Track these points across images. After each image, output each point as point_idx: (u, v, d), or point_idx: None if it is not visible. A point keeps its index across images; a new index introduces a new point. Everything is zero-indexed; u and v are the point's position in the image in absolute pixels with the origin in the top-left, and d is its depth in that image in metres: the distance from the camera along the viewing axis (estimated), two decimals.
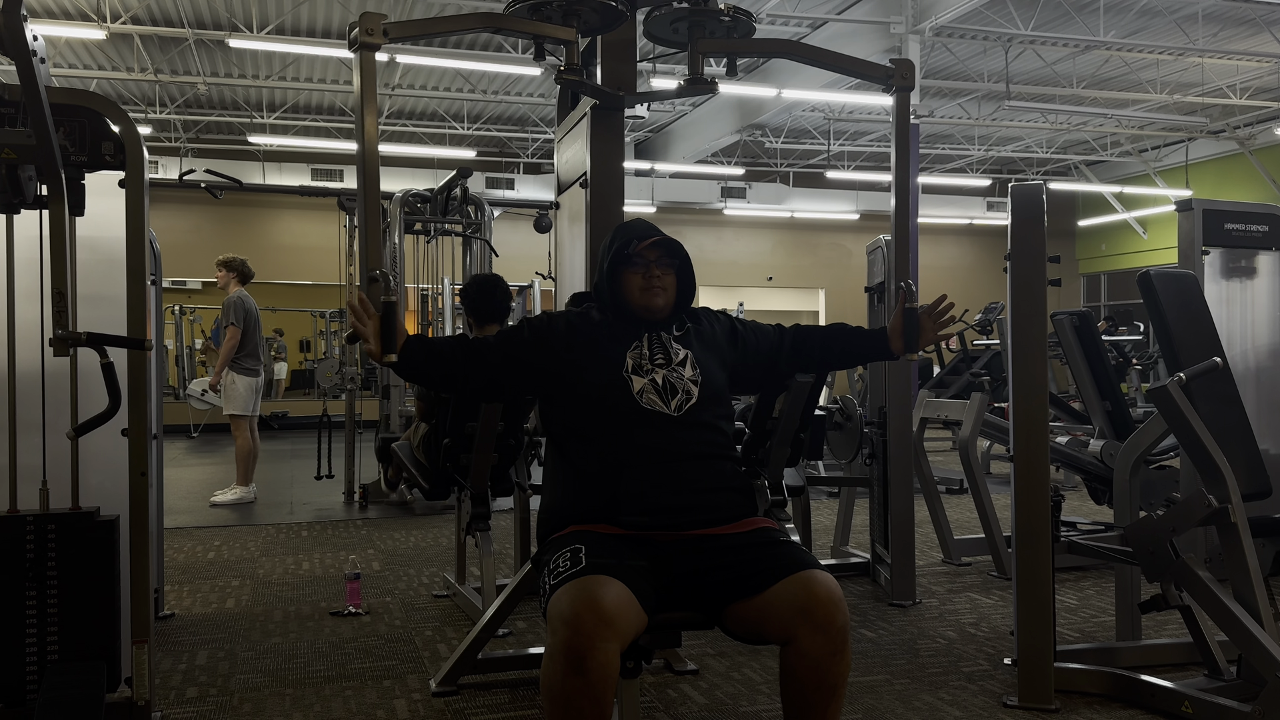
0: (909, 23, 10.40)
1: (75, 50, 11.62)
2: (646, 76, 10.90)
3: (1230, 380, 2.97)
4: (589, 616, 1.72)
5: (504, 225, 11.28)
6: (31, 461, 2.55)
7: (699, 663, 3.18)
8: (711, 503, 2.06)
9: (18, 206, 2.49)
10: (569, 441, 2.15)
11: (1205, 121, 14.24)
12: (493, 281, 4.04)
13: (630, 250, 2.21)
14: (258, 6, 10.40)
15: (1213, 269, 3.97)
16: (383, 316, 2.05)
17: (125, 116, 2.55)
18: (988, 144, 16.63)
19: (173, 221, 14.19)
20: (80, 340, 2.39)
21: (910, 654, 3.30)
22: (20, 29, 2.13)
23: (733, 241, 18.03)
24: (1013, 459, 2.82)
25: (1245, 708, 2.48)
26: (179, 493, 7.07)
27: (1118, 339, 12.39)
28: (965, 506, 6.05)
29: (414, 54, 11.03)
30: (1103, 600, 3.98)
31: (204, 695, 2.92)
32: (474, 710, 2.79)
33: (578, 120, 3.01)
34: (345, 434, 6.78)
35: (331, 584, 4.31)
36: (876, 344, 2.40)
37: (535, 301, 11.53)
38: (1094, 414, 4.29)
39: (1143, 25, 11.29)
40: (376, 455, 5.76)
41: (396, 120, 14.95)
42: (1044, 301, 2.84)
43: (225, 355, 6.54)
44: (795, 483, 3.87)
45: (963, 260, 19.11)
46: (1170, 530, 2.72)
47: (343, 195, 6.93)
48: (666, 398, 2.11)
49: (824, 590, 1.84)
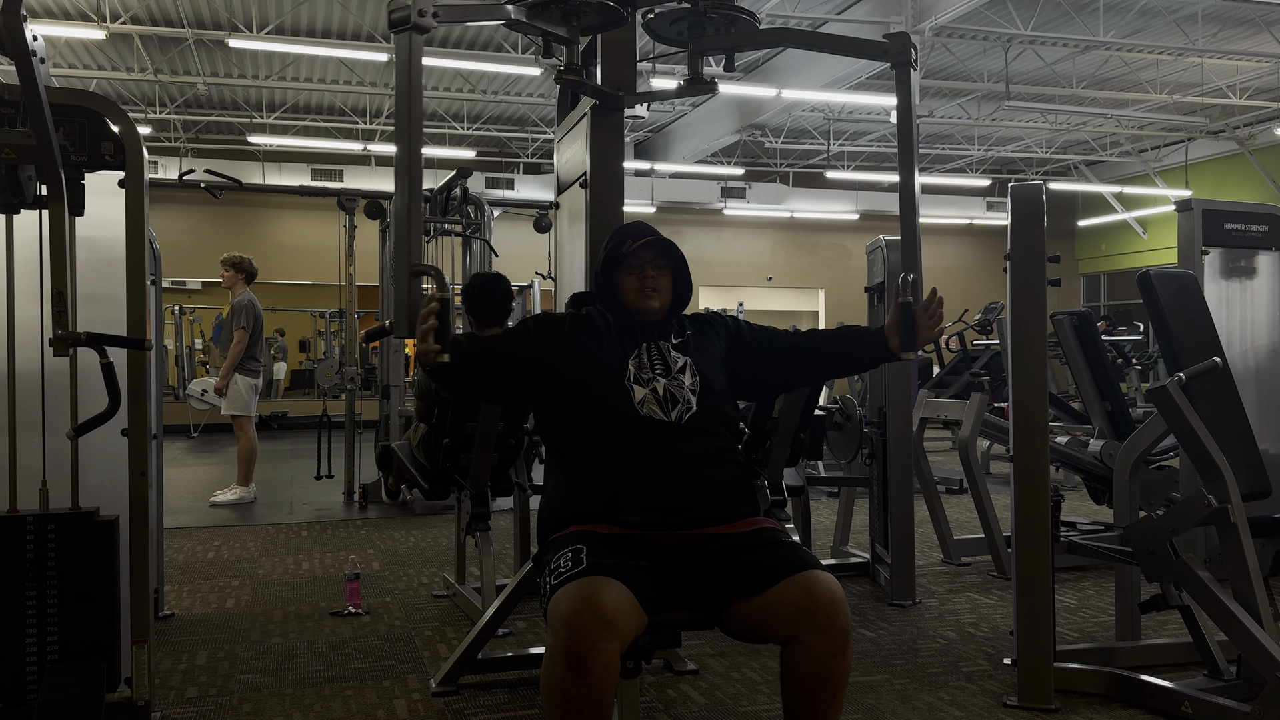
0: (909, 23, 10.40)
1: (75, 50, 11.61)
2: (646, 76, 10.90)
3: (1230, 380, 2.97)
4: (589, 617, 1.72)
5: (504, 225, 11.27)
6: (31, 461, 2.55)
7: (699, 663, 3.18)
8: (712, 501, 2.06)
9: (18, 206, 2.49)
10: (568, 444, 2.15)
11: (1205, 121, 14.24)
12: (494, 281, 4.01)
13: (624, 250, 2.21)
14: (258, 6, 10.40)
15: (1212, 269, 3.97)
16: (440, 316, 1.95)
17: (125, 116, 2.55)
18: (988, 144, 16.62)
19: (172, 221, 14.19)
20: (80, 340, 2.39)
21: (910, 654, 3.30)
22: (20, 29, 2.13)
23: (732, 241, 18.03)
24: (1013, 459, 2.82)
25: (1245, 708, 2.48)
26: (179, 493, 7.07)
27: (1117, 339, 12.39)
28: (965, 506, 6.05)
29: None
30: (1103, 600, 3.98)
31: (204, 695, 2.92)
32: (474, 710, 2.79)
33: (578, 120, 3.01)
34: (345, 434, 6.78)
35: (331, 584, 4.31)
36: (877, 344, 2.30)
37: (535, 301, 11.54)
38: (1094, 414, 4.29)
39: (1142, 25, 11.29)
40: (377, 463, 5.74)
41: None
42: (1044, 301, 2.84)
43: (233, 359, 6.54)
44: (795, 483, 3.87)
45: (963, 260, 19.11)
46: (1170, 530, 2.72)
47: (342, 195, 6.93)
48: (667, 408, 2.11)
49: (825, 591, 1.84)
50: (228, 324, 6.74)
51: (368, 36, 11.17)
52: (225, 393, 6.60)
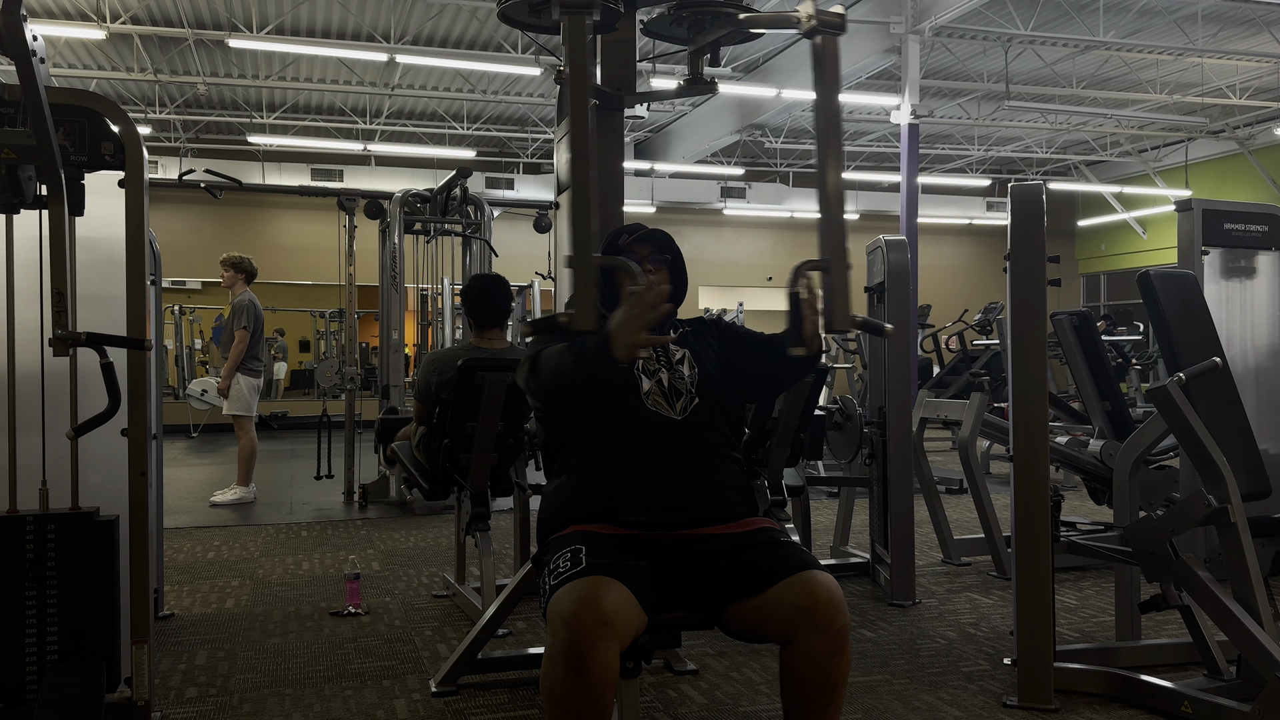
0: (909, 23, 10.41)
1: (75, 50, 11.62)
2: (646, 76, 10.90)
3: (1230, 380, 2.97)
4: (589, 617, 1.72)
5: (504, 225, 11.27)
6: (31, 461, 2.55)
7: (699, 663, 3.18)
8: (711, 501, 2.06)
9: (17, 206, 2.49)
10: (571, 441, 2.15)
11: (1205, 121, 14.25)
12: (493, 281, 4.02)
13: (620, 244, 2.21)
14: (257, 6, 10.40)
15: (1212, 269, 3.97)
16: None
17: (125, 116, 2.55)
18: (987, 144, 16.63)
19: (172, 221, 14.19)
20: (80, 340, 2.39)
21: (910, 654, 3.30)
22: (20, 29, 2.12)
23: (732, 241, 18.03)
24: (1012, 459, 2.82)
25: (1245, 708, 2.48)
26: (179, 493, 7.07)
27: (1117, 339, 12.39)
28: (965, 506, 6.05)
29: (414, 54, 11.04)
30: (1102, 600, 3.98)
31: (204, 695, 2.92)
32: (474, 710, 2.79)
33: None
34: (345, 434, 6.78)
35: (331, 584, 4.31)
36: (778, 347, 2.11)
37: (535, 301, 11.53)
38: (1093, 414, 4.29)
39: (1142, 25, 11.30)
40: (376, 437, 5.70)
41: (396, 120, 14.95)
42: (1044, 301, 2.84)
43: (235, 359, 6.55)
44: (795, 483, 3.87)
45: (963, 260, 19.12)
46: (1170, 530, 2.72)
47: (342, 195, 6.94)
48: (671, 400, 2.11)
49: (824, 591, 1.84)
50: (228, 324, 6.75)
51: (367, 36, 11.18)
52: (228, 393, 6.61)
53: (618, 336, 1.80)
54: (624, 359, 1.81)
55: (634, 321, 1.78)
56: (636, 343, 1.78)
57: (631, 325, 1.78)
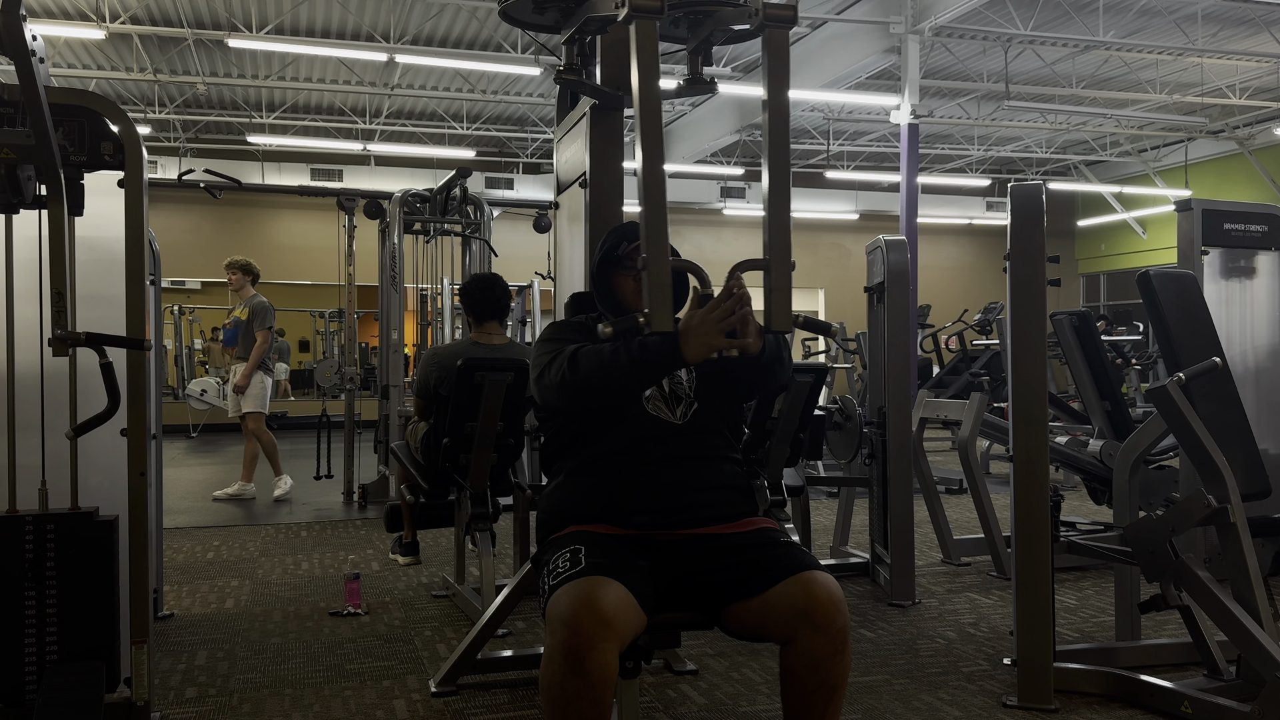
0: (908, 23, 10.40)
1: (75, 50, 11.61)
2: None
3: (1230, 380, 2.97)
4: (588, 618, 1.72)
5: (503, 225, 11.28)
6: (31, 461, 2.55)
7: (699, 663, 3.18)
8: (711, 501, 2.06)
9: (17, 206, 2.49)
10: (573, 443, 2.15)
11: (1205, 121, 14.25)
12: (491, 280, 4.08)
13: (620, 252, 2.21)
14: (257, 6, 10.40)
15: (1212, 269, 3.97)
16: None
17: (124, 116, 2.55)
18: (987, 144, 16.62)
19: (172, 221, 14.19)
20: (79, 340, 2.39)
21: (910, 654, 3.30)
22: (20, 29, 2.12)
23: (732, 241, 18.01)
24: (1012, 459, 2.81)
25: (1245, 708, 2.48)
26: (178, 493, 7.07)
27: (1117, 339, 12.39)
28: (965, 506, 6.05)
29: (414, 54, 11.04)
30: (1102, 600, 3.98)
31: (203, 695, 2.92)
32: (473, 710, 2.79)
33: (577, 120, 3.00)
34: (344, 434, 6.78)
35: (331, 584, 4.31)
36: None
37: (535, 301, 11.53)
38: (1093, 414, 4.29)
39: (1142, 25, 11.30)
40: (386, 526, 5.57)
41: (395, 120, 14.95)
42: (1043, 301, 2.84)
43: (257, 358, 6.65)
44: (795, 483, 3.87)
45: (962, 260, 19.11)
46: (1170, 530, 2.72)
47: (342, 195, 6.94)
48: (671, 405, 2.12)
49: (824, 591, 1.84)
50: (247, 325, 6.81)
51: (367, 36, 11.18)
52: (246, 390, 6.64)
53: (695, 336, 1.82)
54: (694, 360, 1.83)
55: (715, 324, 1.81)
56: (714, 345, 1.81)
57: (713, 327, 1.81)
